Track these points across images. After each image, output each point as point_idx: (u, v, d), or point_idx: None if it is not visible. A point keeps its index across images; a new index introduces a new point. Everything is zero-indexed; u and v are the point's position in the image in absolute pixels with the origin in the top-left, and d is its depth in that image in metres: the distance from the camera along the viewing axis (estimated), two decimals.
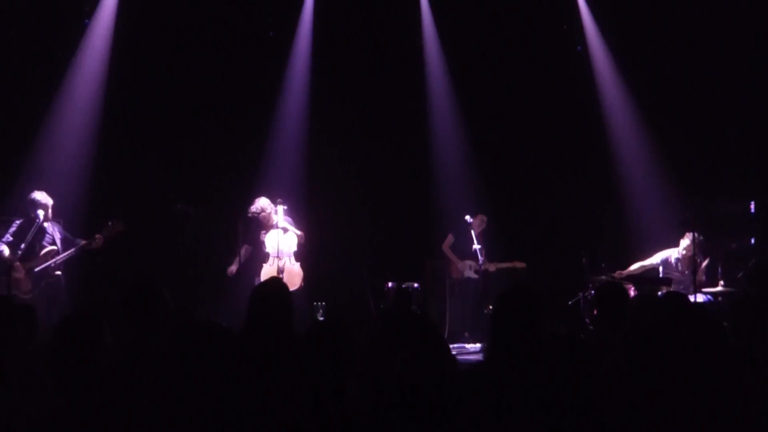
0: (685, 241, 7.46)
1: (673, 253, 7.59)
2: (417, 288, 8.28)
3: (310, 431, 2.61)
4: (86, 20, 8.39)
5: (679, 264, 7.53)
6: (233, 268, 7.81)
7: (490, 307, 7.46)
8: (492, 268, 8.41)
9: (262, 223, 7.80)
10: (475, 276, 8.44)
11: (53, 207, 6.92)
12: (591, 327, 6.69)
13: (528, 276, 8.66)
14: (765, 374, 3.19)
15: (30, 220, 6.72)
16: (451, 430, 2.54)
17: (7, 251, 6.62)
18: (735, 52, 8.36)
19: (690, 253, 7.31)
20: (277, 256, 7.66)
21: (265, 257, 7.77)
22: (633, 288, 7.10)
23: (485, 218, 8.48)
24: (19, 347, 3.08)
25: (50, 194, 6.95)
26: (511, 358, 3.00)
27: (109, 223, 6.89)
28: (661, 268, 7.62)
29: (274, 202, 7.83)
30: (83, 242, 6.88)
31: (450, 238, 8.73)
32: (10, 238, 6.72)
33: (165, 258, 7.98)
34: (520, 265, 8.61)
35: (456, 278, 8.72)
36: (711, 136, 8.59)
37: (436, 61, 9.36)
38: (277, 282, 3.86)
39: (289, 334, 3.49)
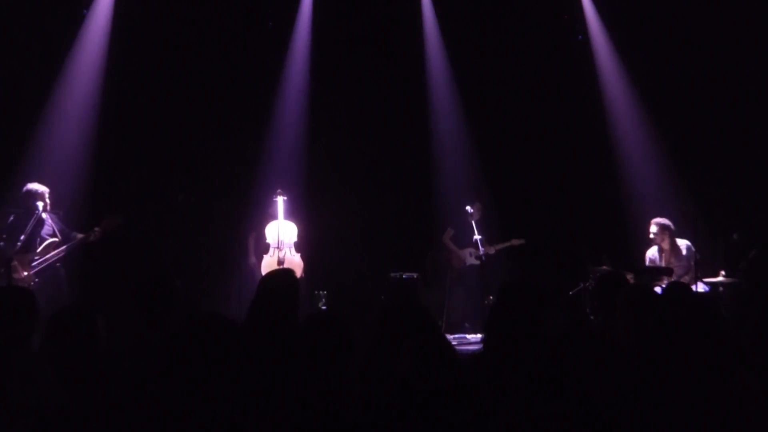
0: (653, 227, 7.40)
1: (654, 249, 7.54)
2: (417, 278, 8.29)
3: (311, 422, 2.61)
4: (84, 10, 8.36)
5: (663, 256, 7.48)
6: (253, 259, 7.88)
7: (491, 297, 7.49)
8: (491, 250, 8.43)
9: (271, 212, 7.85)
10: (476, 262, 8.44)
11: (50, 198, 6.89)
12: (592, 317, 6.69)
13: (528, 250, 8.67)
14: (759, 365, 3.20)
15: (28, 212, 6.67)
16: (451, 420, 2.54)
17: (11, 249, 6.58)
18: (736, 40, 8.32)
19: (660, 239, 7.30)
20: (278, 247, 7.68)
21: (265, 248, 7.79)
22: (632, 278, 7.07)
23: (480, 205, 8.49)
24: (23, 338, 3.08)
25: (49, 186, 6.92)
26: (508, 348, 3.00)
27: (108, 216, 6.86)
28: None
29: (274, 192, 7.85)
30: (80, 236, 6.84)
31: (449, 231, 8.74)
32: (8, 232, 6.68)
33: (167, 249, 7.98)
34: (517, 242, 8.62)
35: (458, 267, 8.72)
36: (713, 126, 8.55)
37: (436, 49, 9.33)
38: (288, 272, 3.82)
39: (293, 325, 3.49)
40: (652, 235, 7.41)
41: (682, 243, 7.35)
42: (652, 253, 7.51)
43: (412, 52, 9.24)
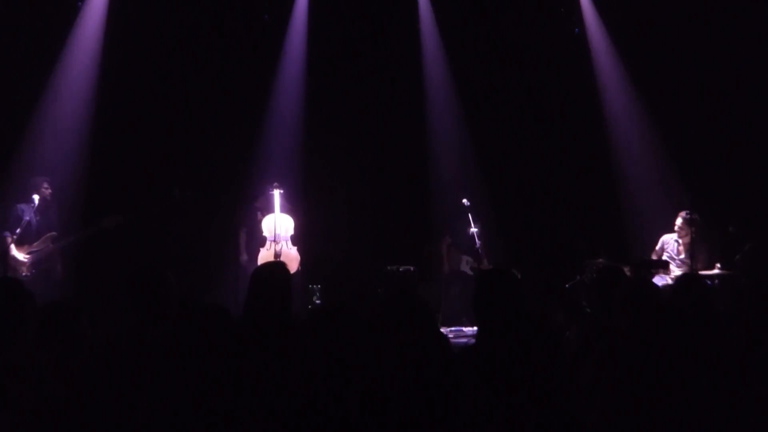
0: (678, 220, 7.44)
1: (672, 237, 7.57)
2: (414, 272, 8.28)
3: (307, 414, 2.61)
4: (79, 2, 8.32)
5: (678, 247, 7.50)
6: (245, 257, 7.88)
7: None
8: (486, 268, 8.37)
9: (262, 207, 7.84)
10: (470, 273, 8.45)
11: (49, 186, 6.93)
12: (588, 310, 6.70)
13: (525, 244, 8.62)
14: (754, 357, 3.21)
15: (29, 203, 6.76)
16: (446, 412, 2.55)
17: (9, 238, 6.65)
18: (732, 33, 8.31)
19: (684, 233, 7.32)
20: (274, 240, 7.69)
21: (262, 241, 7.79)
22: (628, 270, 7.07)
23: (481, 224, 8.35)
24: (19, 330, 3.08)
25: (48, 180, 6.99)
26: (496, 339, 3.01)
27: (108, 215, 6.95)
28: (661, 252, 7.62)
29: (271, 186, 7.84)
30: (51, 245, 6.88)
31: (446, 239, 8.70)
32: (8, 222, 6.76)
33: (163, 243, 7.97)
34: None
35: (452, 268, 8.71)
36: (709, 119, 8.55)
37: (432, 43, 9.31)
38: (279, 265, 3.86)
39: (287, 317, 3.49)
40: (677, 228, 7.44)
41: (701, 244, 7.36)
42: (668, 238, 7.54)
43: (408, 44, 9.21)
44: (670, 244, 7.55)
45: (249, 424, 2.73)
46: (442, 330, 5.82)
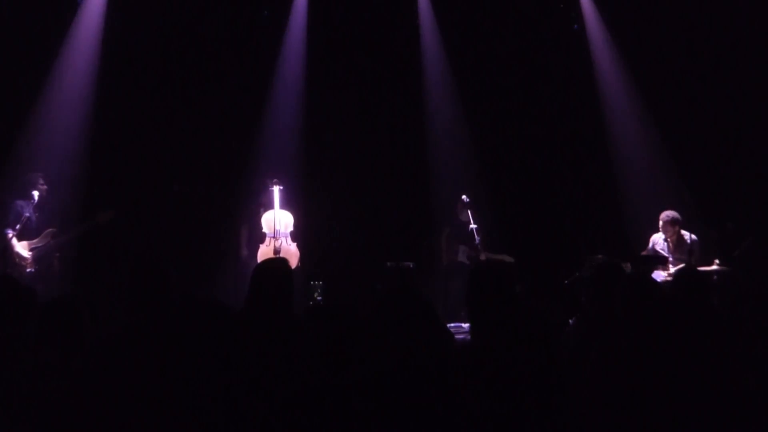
0: (660, 223, 7.47)
1: (661, 236, 7.58)
2: (413, 268, 8.29)
3: (312, 410, 2.62)
4: None
5: (668, 245, 7.52)
6: (245, 251, 7.88)
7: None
8: (482, 257, 8.39)
9: (263, 203, 7.86)
10: (467, 262, 8.45)
11: (45, 182, 6.94)
12: (587, 306, 6.70)
13: (516, 271, 8.60)
14: (753, 353, 3.23)
15: (28, 199, 6.76)
16: (447, 406, 2.56)
17: (11, 234, 6.67)
18: (733, 29, 8.32)
19: (671, 234, 7.35)
20: (274, 237, 7.70)
21: (261, 237, 7.80)
22: (628, 266, 7.09)
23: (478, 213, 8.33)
24: (23, 327, 3.09)
25: (44, 176, 6.99)
26: (490, 335, 3.03)
27: (100, 211, 6.96)
28: (652, 252, 7.64)
29: (270, 182, 7.85)
30: (51, 241, 6.93)
31: (446, 230, 8.70)
32: (8, 219, 6.78)
33: (162, 239, 7.97)
34: (508, 259, 8.55)
35: (451, 261, 8.71)
36: (708, 115, 8.56)
37: (432, 39, 9.30)
38: (281, 261, 3.87)
39: (289, 313, 3.50)
40: (661, 230, 7.48)
41: (688, 237, 7.37)
42: (657, 238, 7.56)
43: (408, 39, 9.21)
44: (660, 243, 7.56)
45: (249, 420, 2.74)
46: None
